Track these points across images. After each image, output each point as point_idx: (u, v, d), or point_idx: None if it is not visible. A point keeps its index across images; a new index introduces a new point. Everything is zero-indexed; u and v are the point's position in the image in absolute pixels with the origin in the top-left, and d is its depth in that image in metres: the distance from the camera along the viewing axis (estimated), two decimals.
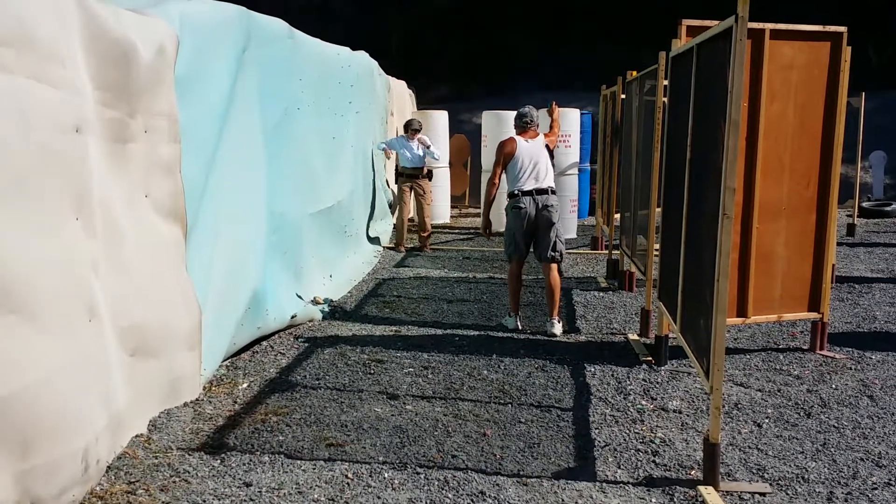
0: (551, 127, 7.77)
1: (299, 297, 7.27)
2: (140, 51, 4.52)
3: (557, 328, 7.04)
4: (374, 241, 11.21)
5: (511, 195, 7.10)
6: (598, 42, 21.77)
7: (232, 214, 5.90)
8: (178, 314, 4.99)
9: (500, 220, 9.09)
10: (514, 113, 7.40)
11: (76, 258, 3.87)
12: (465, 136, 16.95)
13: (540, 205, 6.99)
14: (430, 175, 11.60)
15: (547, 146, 7.17)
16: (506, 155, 7.07)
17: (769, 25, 5.84)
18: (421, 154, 11.33)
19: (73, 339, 3.78)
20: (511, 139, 7.21)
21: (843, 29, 6.03)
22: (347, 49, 9.81)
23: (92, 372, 3.97)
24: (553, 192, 7.09)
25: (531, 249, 7.22)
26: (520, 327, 7.19)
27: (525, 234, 7.07)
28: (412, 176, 11.37)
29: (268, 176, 6.67)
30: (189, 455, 4.38)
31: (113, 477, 4.05)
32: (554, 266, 7.09)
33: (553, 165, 7.22)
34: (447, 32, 23.29)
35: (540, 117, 7.45)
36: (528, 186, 7.01)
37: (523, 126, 7.25)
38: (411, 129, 11.34)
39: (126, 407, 4.35)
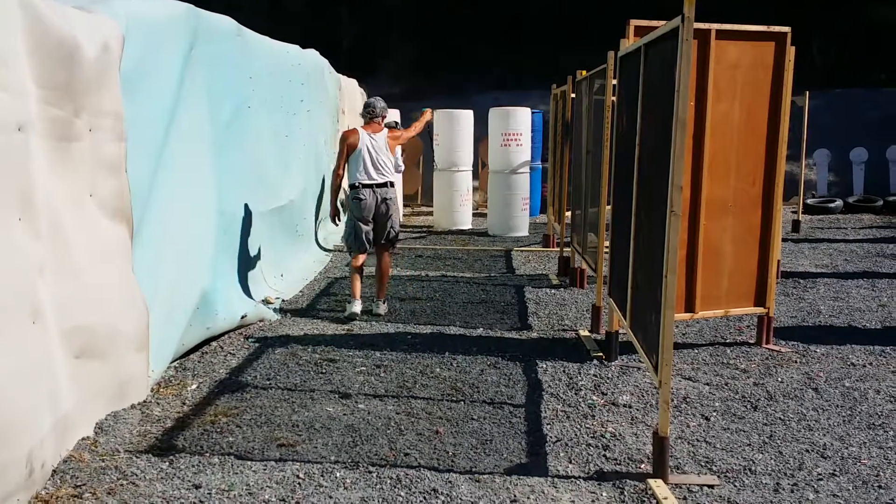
0: (412, 125, 8.02)
1: (250, 296, 7.21)
2: (84, 49, 4.45)
3: (382, 308, 7.52)
4: (326, 249, 10.90)
5: (352, 186, 7.34)
6: (550, 42, 21.88)
7: (180, 213, 5.83)
8: (125, 315, 4.92)
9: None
10: (467, 112, 7.44)
11: (20, 259, 3.80)
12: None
13: (379, 198, 7.29)
14: None
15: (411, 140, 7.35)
16: (348, 146, 7.28)
17: (714, 26, 5.93)
18: None
19: (16, 341, 3.71)
20: (354, 130, 7.41)
21: (786, 29, 6.14)
22: (297, 47, 9.75)
23: (36, 374, 3.90)
24: (392, 186, 7.41)
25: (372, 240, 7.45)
26: (357, 312, 7.32)
27: (365, 223, 7.29)
28: None
29: (218, 174, 6.60)
30: (137, 457, 4.32)
31: (59, 481, 3.98)
32: (386, 252, 7.54)
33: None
34: (400, 32, 23.22)
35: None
36: (369, 180, 7.24)
37: (368, 118, 7.42)
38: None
39: (72, 409, 4.28)
